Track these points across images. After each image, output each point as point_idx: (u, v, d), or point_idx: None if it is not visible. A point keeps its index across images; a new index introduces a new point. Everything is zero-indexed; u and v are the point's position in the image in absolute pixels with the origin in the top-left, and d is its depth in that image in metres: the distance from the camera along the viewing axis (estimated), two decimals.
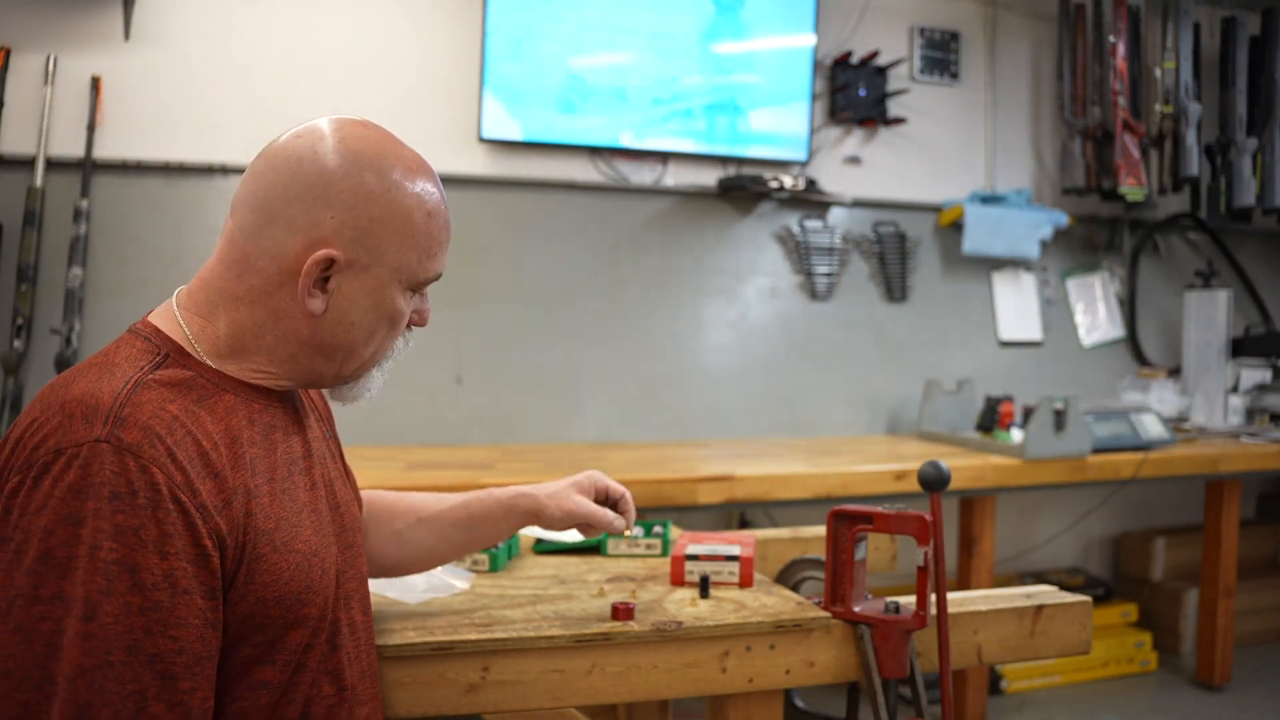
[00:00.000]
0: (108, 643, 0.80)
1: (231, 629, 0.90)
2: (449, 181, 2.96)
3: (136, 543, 0.81)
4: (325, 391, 1.08)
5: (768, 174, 3.23)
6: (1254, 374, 3.52)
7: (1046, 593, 1.52)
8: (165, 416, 0.87)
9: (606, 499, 1.36)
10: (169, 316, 0.98)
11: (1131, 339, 3.81)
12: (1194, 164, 3.48)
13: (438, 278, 1.04)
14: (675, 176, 3.20)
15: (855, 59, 3.34)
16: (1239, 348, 3.57)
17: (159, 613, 0.82)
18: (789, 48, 3.23)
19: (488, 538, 1.31)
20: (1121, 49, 3.49)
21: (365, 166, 0.96)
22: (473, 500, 1.31)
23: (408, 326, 1.07)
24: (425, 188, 1.00)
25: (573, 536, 1.70)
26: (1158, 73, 3.50)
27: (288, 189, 0.95)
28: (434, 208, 1.00)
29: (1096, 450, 2.86)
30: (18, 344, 2.53)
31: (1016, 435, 2.96)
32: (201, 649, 0.86)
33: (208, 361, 0.96)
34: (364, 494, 1.30)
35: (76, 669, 0.79)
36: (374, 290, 0.98)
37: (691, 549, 1.50)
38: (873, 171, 3.44)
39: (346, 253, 0.95)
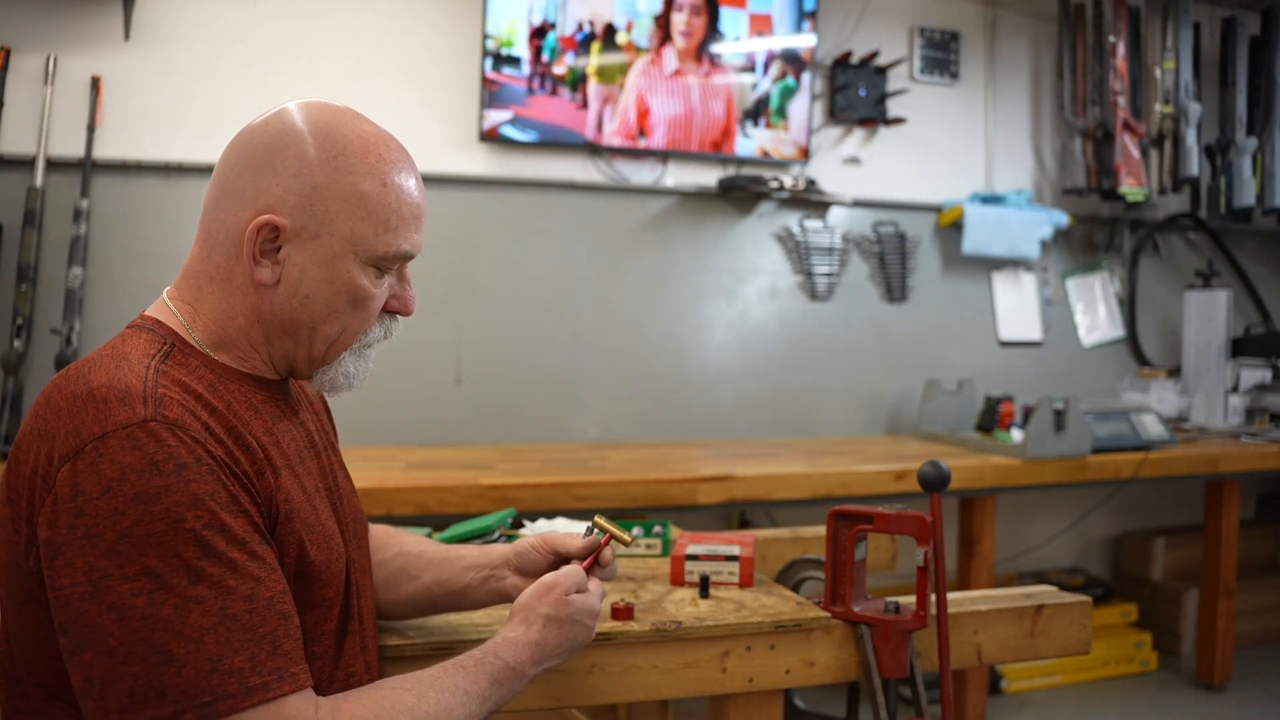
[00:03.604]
0: (222, 600, 0.83)
1: None
2: (449, 181, 2.98)
3: (216, 505, 0.85)
4: (312, 382, 1.06)
5: (768, 174, 3.23)
6: (1254, 374, 3.52)
7: (1046, 593, 1.52)
8: (190, 398, 0.90)
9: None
10: (163, 309, 1.00)
11: (1131, 339, 3.81)
12: (1194, 164, 3.48)
13: (406, 256, 1.01)
14: (675, 176, 3.20)
15: (855, 59, 3.34)
16: (1239, 348, 3.57)
17: (258, 562, 0.87)
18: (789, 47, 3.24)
19: (452, 587, 1.22)
20: (1121, 49, 3.49)
21: (313, 135, 0.97)
22: (455, 545, 1.29)
23: (390, 314, 1.04)
24: (383, 158, 0.98)
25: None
26: (1158, 73, 3.50)
27: (239, 162, 0.97)
28: (390, 179, 0.98)
29: (1096, 450, 2.86)
30: (18, 344, 2.53)
31: (1016, 435, 2.96)
32: (286, 588, 0.90)
33: (207, 351, 0.98)
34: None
35: (198, 630, 0.81)
36: (326, 262, 0.97)
37: (691, 549, 1.50)
38: (873, 171, 3.44)
39: (292, 220, 0.95)
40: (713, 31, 3.14)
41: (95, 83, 2.66)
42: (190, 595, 0.81)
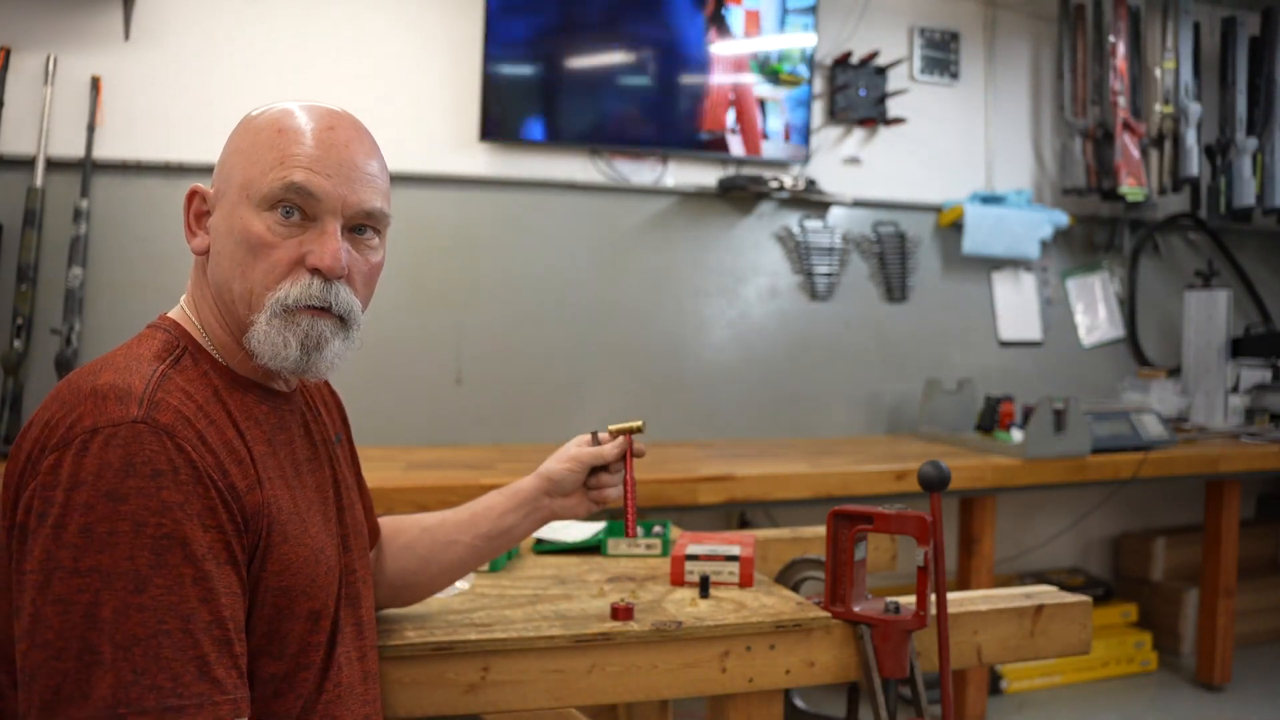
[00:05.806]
0: (160, 613, 0.82)
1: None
2: (449, 181, 2.98)
3: (184, 516, 0.84)
4: (256, 358, 1.00)
5: (768, 174, 3.23)
6: (1254, 374, 3.52)
7: (1046, 593, 1.52)
8: (191, 405, 0.91)
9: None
10: (180, 311, 1.03)
11: (1131, 339, 3.81)
12: (1194, 164, 3.48)
13: (295, 188, 0.95)
14: (675, 176, 3.20)
15: (855, 59, 3.34)
16: (1239, 348, 3.57)
17: (209, 582, 0.85)
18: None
19: (495, 534, 1.28)
20: (1121, 49, 3.49)
21: (249, 119, 1.01)
22: (475, 501, 1.31)
23: (315, 272, 0.96)
24: (288, 112, 0.99)
25: (574, 535, 1.70)
26: (1158, 73, 3.50)
27: None
28: (288, 124, 0.97)
29: (1096, 450, 2.86)
30: (18, 344, 2.53)
31: (1016, 435, 2.96)
32: (243, 617, 0.89)
33: (218, 356, 0.99)
34: (379, 520, 1.30)
35: (130, 638, 0.80)
36: (228, 214, 0.97)
37: (691, 549, 1.50)
38: (873, 171, 3.44)
39: (213, 186, 1.00)
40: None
41: (95, 83, 2.66)
42: (133, 602, 0.81)
